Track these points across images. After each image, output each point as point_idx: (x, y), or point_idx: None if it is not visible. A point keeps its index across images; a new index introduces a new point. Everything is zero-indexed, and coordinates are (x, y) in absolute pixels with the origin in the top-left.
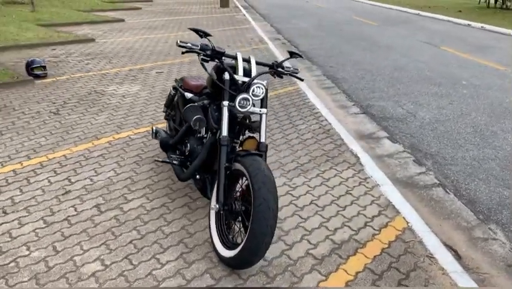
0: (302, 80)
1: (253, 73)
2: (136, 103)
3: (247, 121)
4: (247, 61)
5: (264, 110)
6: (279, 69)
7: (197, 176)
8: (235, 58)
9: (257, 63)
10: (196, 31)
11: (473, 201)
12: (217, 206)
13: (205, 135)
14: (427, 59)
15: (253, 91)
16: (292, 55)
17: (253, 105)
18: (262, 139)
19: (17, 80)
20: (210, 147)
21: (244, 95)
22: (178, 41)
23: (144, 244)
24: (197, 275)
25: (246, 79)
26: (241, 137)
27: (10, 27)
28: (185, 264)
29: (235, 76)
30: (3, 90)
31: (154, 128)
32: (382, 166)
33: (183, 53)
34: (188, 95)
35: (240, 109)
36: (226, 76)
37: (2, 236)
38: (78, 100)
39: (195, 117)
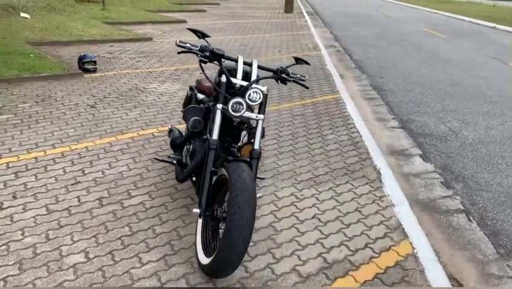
0: (307, 88)
1: (253, 78)
2: (171, 102)
3: (246, 126)
4: (249, 64)
5: (260, 116)
6: (283, 75)
7: (194, 178)
8: (235, 60)
9: (261, 68)
10: (194, 32)
11: (497, 233)
12: (198, 210)
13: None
14: (489, 75)
15: (249, 95)
16: (297, 61)
17: (251, 110)
18: (256, 146)
19: (67, 73)
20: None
21: (238, 99)
22: (177, 41)
23: (131, 242)
24: (173, 279)
25: (245, 83)
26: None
27: (78, 23)
28: (165, 266)
29: (233, 80)
30: (53, 81)
31: (169, 127)
32: (404, 185)
33: (179, 53)
34: (200, 96)
35: (232, 113)
36: (223, 78)
37: (3, 219)
38: (117, 96)
39: (192, 119)
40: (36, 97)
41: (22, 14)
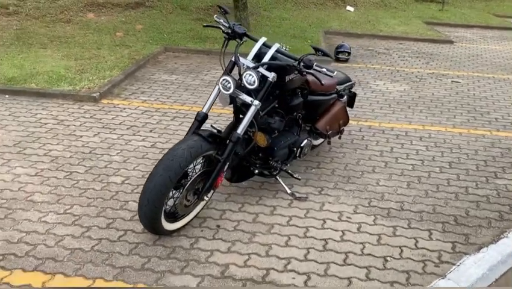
0: (322, 84)
1: (263, 61)
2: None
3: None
4: (269, 47)
5: (255, 102)
6: (301, 65)
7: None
8: (256, 40)
9: (283, 54)
10: (219, 7)
11: None
12: None
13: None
14: None
15: (244, 77)
16: (316, 51)
17: (250, 94)
18: (238, 130)
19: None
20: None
21: (226, 77)
22: (215, 16)
23: None
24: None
25: (251, 64)
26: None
27: (395, 20)
28: None
29: (241, 59)
30: None
31: None
32: None
33: (204, 26)
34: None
35: (222, 90)
36: (232, 58)
37: (120, 144)
38: None
39: None
40: None
41: (348, 8)
